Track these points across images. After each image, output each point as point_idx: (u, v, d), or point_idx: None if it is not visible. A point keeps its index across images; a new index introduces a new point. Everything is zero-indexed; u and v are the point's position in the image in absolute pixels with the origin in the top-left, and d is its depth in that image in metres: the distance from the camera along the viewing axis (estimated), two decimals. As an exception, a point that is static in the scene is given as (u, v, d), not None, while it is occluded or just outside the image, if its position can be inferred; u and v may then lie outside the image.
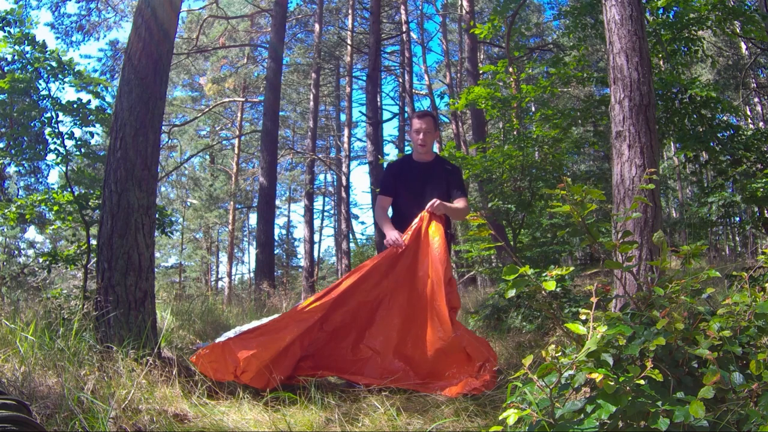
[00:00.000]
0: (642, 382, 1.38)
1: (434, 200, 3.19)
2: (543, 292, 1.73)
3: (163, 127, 3.87)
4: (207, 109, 18.35)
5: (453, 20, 19.92)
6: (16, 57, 3.88)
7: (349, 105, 20.29)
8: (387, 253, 3.14)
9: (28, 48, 3.84)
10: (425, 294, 3.01)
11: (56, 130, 3.94)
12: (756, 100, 15.51)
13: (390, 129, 50.57)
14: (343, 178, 19.75)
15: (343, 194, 20.26)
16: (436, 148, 20.43)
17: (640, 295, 1.89)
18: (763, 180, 4.83)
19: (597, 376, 1.33)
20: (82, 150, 4.23)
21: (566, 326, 1.52)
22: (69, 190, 4.11)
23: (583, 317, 1.54)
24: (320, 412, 2.27)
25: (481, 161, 6.53)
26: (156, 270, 4.03)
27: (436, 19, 20.76)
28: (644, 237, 2.72)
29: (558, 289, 4.00)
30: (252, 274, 18.09)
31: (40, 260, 5.01)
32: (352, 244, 20.01)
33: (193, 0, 30.47)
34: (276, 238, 21.22)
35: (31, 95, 3.90)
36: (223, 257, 26.22)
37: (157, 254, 20.99)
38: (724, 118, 6.19)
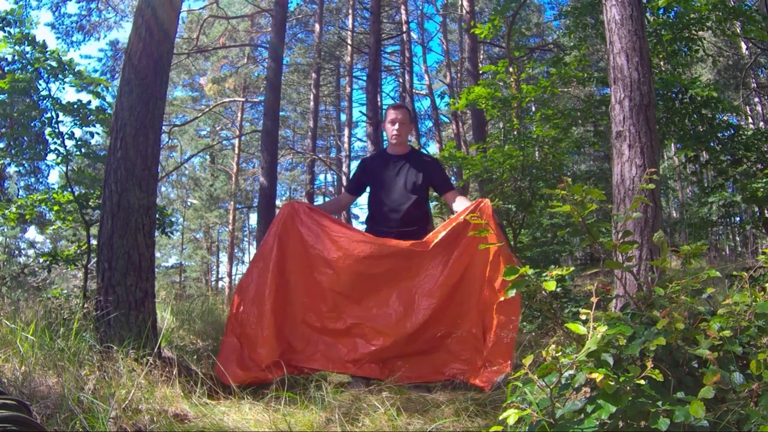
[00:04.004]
0: (642, 382, 1.38)
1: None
2: (543, 292, 1.73)
3: (163, 127, 3.87)
4: (207, 109, 18.31)
5: (453, 20, 19.90)
6: (16, 57, 3.89)
7: (350, 105, 20.28)
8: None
9: (28, 48, 3.85)
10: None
11: (56, 130, 3.95)
12: (756, 100, 15.51)
13: (390, 129, 50.36)
14: (344, 179, 19.70)
15: (344, 194, 20.21)
16: (436, 148, 20.35)
17: (641, 295, 1.89)
18: (764, 180, 4.83)
19: (597, 376, 1.33)
20: (82, 150, 4.23)
21: (566, 326, 1.52)
22: (69, 190, 4.11)
23: (583, 317, 1.54)
24: (320, 412, 2.26)
25: (482, 161, 6.53)
26: (156, 270, 4.03)
27: (436, 19, 20.75)
28: (644, 237, 2.71)
29: (558, 289, 4.00)
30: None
31: (40, 260, 5.01)
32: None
33: (193, 0, 30.55)
34: (276, 238, 21.12)
35: (31, 95, 3.91)
36: (224, 257, 26.21)
37: (158, 254, 20.98)
38: (725, 118, 6.19)
